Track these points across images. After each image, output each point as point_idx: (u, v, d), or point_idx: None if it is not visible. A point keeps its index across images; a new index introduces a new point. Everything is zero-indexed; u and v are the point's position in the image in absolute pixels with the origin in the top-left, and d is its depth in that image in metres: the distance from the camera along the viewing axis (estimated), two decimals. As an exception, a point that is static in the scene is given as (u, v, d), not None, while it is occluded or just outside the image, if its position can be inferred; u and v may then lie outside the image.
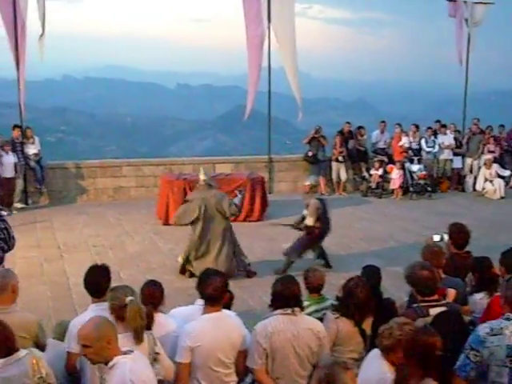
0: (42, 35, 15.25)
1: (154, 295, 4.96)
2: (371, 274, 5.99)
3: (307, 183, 10.62)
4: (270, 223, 13.41)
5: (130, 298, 4.45)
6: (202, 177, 10.35)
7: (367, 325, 5.30)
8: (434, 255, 5.78)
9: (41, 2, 15.05)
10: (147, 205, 15.04)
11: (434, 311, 4.85)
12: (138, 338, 4.42)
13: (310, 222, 10.14)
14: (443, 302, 5.04)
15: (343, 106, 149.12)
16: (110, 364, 4.03)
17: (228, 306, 5.51)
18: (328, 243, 12.26)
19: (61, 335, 5.29)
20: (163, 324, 4.90)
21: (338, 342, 5.18)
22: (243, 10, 16.45)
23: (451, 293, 5.45)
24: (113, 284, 5.09)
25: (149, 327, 4.76)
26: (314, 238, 10.31)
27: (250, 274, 10.22)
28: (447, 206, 16.07)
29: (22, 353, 4.26)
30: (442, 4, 19.38)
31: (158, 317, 4.89)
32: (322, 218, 10.20)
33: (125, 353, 4.10)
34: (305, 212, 10.34)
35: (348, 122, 18.31)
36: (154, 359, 4.45)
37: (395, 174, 17.00)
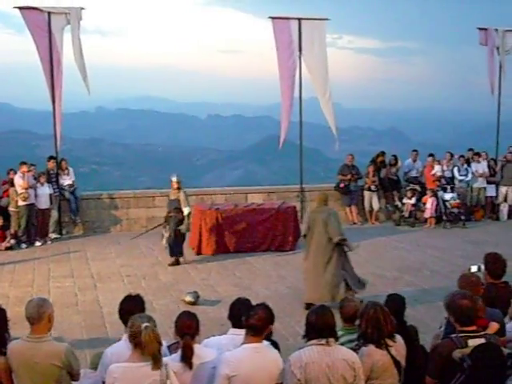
0: (85, 78, 15.54)
1: (190, 326, 4.94)
2: (394, 303, 5.93)
3: (174, 179, 12.93)
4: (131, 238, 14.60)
5: (145, 325, 4.44)
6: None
7: (401, 356, 5.23)
8: (471, 285, 5.69)
9: (77, 47, 15.36)
10: (180, 235, 15.09)
11: (472, 342, 4.76)
12: (156, 364, 4.40)
13: (190, 209, 12.97)
14: (482, 333, 4.95)
15: (375, 134, 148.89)
16: None
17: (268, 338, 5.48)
18: (361, 272, 12.21)
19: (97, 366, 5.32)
20: (200, 355, 4.87)
21: (374, 375, 5.10)
22: (274, 41, 16.62)
23: (494, 326, 5.36)
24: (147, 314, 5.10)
25: (189, 358, 4.75)
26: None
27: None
28: (481, 234, 15.87)
29: None
30: (473, 32, 19.36)
31: (195, 348, 4.88)
32: None
33: None
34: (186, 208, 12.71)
35: (383, 152, 18.21)
36: None
37: (428, 203, 16.86)
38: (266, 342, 4.90)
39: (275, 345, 5.14)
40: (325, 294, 9.63)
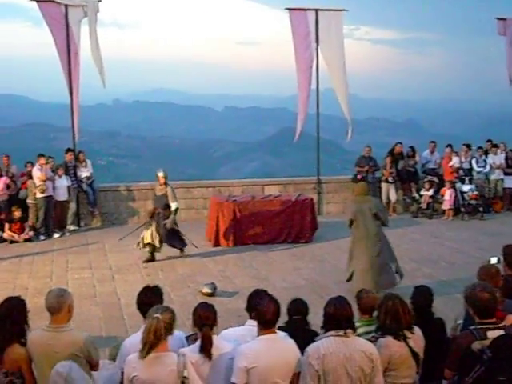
0: (101, 70, 15.61)
1: (208, 317, 4.95)
2: (422, 295, 5.92)
3: (160, 174, 12.43)
4: (118, 239, 13.73)
5: (155, 315, 4.47)
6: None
7: (419, 348, 5.22)
8: (491, 276, 5.66)
9: (94, 39, 15.42)
10: (197, 226, 15.13)
11: (491, 334, 4.74)
12: (142, 352, 4.41)
13: (178, 204, 12.51)
14: (501, 324, 4.92)
15: (392, 126, 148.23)
16: None
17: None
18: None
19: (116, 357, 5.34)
20: (218, 346, 4.88)
21: (391, 366, 5.09)
22: (292, 33, 16.58)
23: (510, 318, 5.33)
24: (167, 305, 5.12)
25: (208, 349, 4.77)
26: None
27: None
28: (500, 226, 15.75)
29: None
30: (492, 22, 19.17)
31: (214, 339, 4.88)
32: None
33: None
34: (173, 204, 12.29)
35: (400, 143, 18.14)
36: (182, 383, 4.43)
37: (447, 195, 16.77)
38: (281, 333, 4.91)
39: (315, 335, 5.10)
40: (385, 282, 9.94)
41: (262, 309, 4.78)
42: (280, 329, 5.30)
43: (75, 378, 4.38)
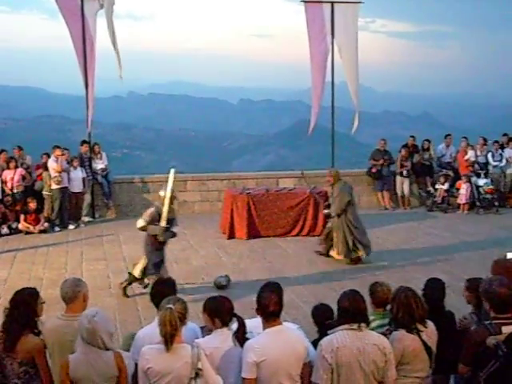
0: (120, 64, 15.62)
1: (232, 307, 4.98)
2: (435, 288, 5.89)
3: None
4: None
5: (168, 306, 4.48)
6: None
7: (432, 342, 5.20)
8: (506, 270, 5.62)
9: (111, 31, 15.40)
10: (211, 219, 15.16)
11: (506, 329, 4.72)
12: (166, 345, 4.41)
13: (138, 223, 10.38)
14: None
15: (407, 119, 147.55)
16: None
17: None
18: (393, 258, 12.13)
19: (130, 346, 5.36)
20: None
21: (404, 360, 5.08)
22: (307, 26, 16.49)
23: None
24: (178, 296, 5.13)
25: (243, 336, 4.79)
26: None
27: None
28: (516, 221, 15.65)
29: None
30: (508, 16, 19.00)
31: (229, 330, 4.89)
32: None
33: None
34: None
35: (412, 136, 18.08)
36: (196, 374, 4.43)
37: (463, 189, 16.66)
38: (287, 324, 4.91)
39: None
40: None
41: (263, 302, 4.77)
42: (315, 341, 5.29)
43: (98, 321, 4.54)
